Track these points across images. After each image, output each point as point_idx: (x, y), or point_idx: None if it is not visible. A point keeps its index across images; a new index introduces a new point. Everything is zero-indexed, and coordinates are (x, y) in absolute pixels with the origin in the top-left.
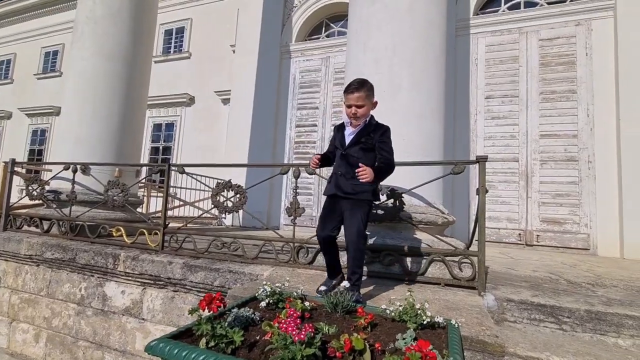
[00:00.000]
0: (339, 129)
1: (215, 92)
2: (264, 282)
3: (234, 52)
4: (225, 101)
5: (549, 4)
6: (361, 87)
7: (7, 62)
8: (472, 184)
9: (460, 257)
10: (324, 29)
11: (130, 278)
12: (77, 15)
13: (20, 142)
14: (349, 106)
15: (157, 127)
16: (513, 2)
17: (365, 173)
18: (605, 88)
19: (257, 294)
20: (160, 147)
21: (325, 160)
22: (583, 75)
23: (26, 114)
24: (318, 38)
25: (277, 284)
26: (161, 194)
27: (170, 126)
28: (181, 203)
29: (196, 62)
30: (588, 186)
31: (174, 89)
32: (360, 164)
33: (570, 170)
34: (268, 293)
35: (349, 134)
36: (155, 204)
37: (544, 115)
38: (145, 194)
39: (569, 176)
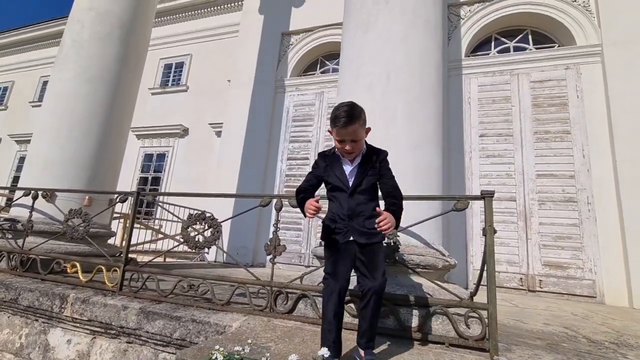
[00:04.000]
0: (331, 160)
1: (209, 124)
2: (217, 348)
3: (230, 85)
4: (219, 133)
5: (537, 48)
6: (353, 117)
7: (3, 89)
8: (469, 223)
9: (466, 310)
10: (319, 65)
11: (78, 325)
12: (63, 40)
13: (5, 168)
14: (341, 141)
15: (148, 157)
16: (503, 46)
17: (387, 222)
18: (599, 129)
19: None
20: (150, 178)
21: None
22: (576, 116)
23: (15, 141)
24: (313, 74)
25: (244, 344)
26: (140, 225)
27: (161, 156)
28: (161, 236)
29: (193, 95)
30: (589, 229)
31: (169, 120)
32: (378, 211)
33: (570, 212)
34: None
35: (351, 169)
36: (135, 237)
37: (539, 154)
38: (123, 225)
39: (568, 217)
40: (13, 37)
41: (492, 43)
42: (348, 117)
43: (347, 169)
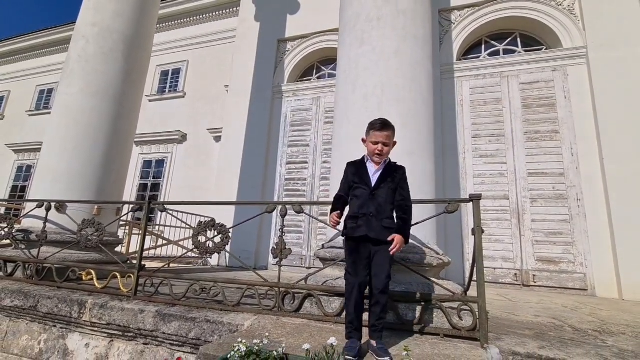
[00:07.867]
0: (359, 166)
1: (207, 129)
2: (240, 340)
3: (227, 92)
4: (218, 138)
5: (526, 51)
6: (388, 126)
7: None
8: (464, 222)
9: (459, 303)
10: (315, 71)
11: (96, 329)
12: (69, 54)
13: (3, 178)
14: (375, 143)
15: (147, 163)
16: (493, 49)
17: (396, 245)
18: (587, 128)
19: (229, 356)
20: (149, 184)
21: (342, 205)
22: (564, 116)
23: (13, 150)
24: (309, 79)
25: (258, 339)
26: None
27: (160, 163)
28: (164, 242)
29: (190, 101)
30: (580, 224)
31: (167, 126)
32: (391, 237)
33: (561, 208)
34: (243, 354)
35: (374, 173)
36: (138, 243)
37: (530, 154)
38: (127, 232)
39: (559, 214)
40: (8, 47)
41: (483, 46)
42: (383, 123)
43: (372, 172)
